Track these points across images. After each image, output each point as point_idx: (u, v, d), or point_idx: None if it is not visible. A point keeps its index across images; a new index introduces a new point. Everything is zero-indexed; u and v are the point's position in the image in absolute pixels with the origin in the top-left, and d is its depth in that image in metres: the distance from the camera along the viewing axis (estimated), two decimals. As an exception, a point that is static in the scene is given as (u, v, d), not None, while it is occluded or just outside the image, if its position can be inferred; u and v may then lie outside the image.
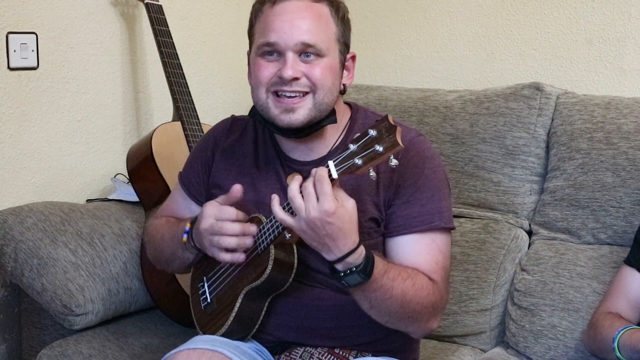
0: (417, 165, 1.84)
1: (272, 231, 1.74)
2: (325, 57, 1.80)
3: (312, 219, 1.59)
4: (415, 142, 1.86)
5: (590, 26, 2.69)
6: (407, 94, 2.79)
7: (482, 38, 2.88)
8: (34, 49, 2.52)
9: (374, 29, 3.07)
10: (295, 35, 1.77)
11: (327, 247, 1.63)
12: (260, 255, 1.78)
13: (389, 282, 1.70)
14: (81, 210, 2.47)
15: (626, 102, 2.44)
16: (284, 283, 1.81)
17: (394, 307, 1.73)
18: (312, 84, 1.78)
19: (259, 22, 1.83)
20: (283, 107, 1.79)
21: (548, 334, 2.31)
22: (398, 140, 1.52)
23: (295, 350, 1.89)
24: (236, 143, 2.00)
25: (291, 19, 1.77)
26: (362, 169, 1.56)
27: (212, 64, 3.07)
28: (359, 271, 1.65)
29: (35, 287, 2.30)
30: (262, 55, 1.81)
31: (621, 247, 2.32)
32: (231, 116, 2.07)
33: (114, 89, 2.78)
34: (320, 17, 1.80)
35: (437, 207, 1.83)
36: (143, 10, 2.70)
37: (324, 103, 1.81)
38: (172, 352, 1.81)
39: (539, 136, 2.53)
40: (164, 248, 2.02)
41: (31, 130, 2.55)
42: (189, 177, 2.06)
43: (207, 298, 1.93)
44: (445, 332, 2.44)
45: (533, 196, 2.55)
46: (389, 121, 1.54)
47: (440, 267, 1.82)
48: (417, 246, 1.82)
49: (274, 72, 1.79)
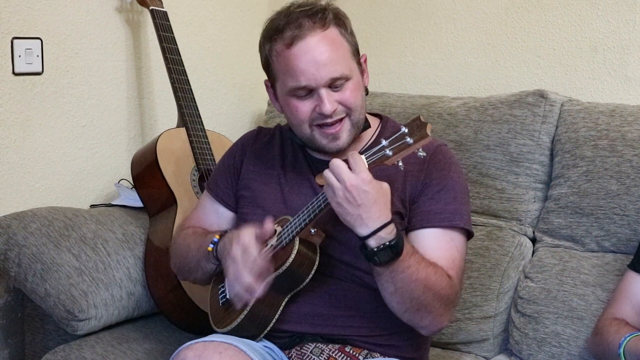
0: (444, 168, 1.95)
1: (299, 224, 1.81)
2: (351, 79, 1.89)
3: (349, 186, 1.69)
4: (442, 149, 2.00)
5: (595, 34, 2.69)
6: (411, 100, 2.79)
7: (487, 45, 2.88)
8: (38, 54, 2.52)
9: (378, 35, 3.07)
10: (323, 74, 1.85)
11: (360, 220, 1.72)
12: (285, 247, 1.84)
13: (415, 264, 1.78)
14: (85, 216, 2.47)
15: (630, 109, 2.44)
16: (302, 280, 1.86)
17: (417, 292, 1.79)
18: (347, 108, 1.89)
19: (278, 62, 1.91)
20: (330, 137, 1.91)
21: (552, 342, 2.30)
22: (428, 132, 1.63)
23: (306, 346, 1.92)
24: (263, 148, 2.09)
25: (313, 57, 1.85)
26: (391, 159, 1.68)
27: (216, 70, 3.08)
28: (392, 246, 1.73)
29: (38, 292, 2.30)
30: (294, 96, 1.90)
31: (625, 255, 2.32)
32: (257, 127, 2.19)
33: (118, 95, 2.78)
34: (335, 43, 1.88)
35: (459, 209, 1.93)
36: (148, 16, 2.70)
37: (360, 120, 1.94)
38: (187, 343, 1.85)
39: (543, 143, 2.53)
40: (190, 257, 2.08)
41: (35, 136, 2.55)
42: (217, 182, 2.13)
43: (227, 295, 1.95)
44: (449, 339, 2.44)
45: (537, 203, 2.54)
46: (421, 119, 1.65)
47: (457, 265, 1.90)
48: (437, 241, 1.90)
49: (311, 109, 1.89)
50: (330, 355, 1.89)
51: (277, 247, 1.85)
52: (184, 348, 1.83)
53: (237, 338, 1.88)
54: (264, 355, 1.90)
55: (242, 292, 1.81)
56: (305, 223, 1.81)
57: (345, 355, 1.90)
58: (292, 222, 1.84)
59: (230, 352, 1.80)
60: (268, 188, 2.03)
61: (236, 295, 1.83)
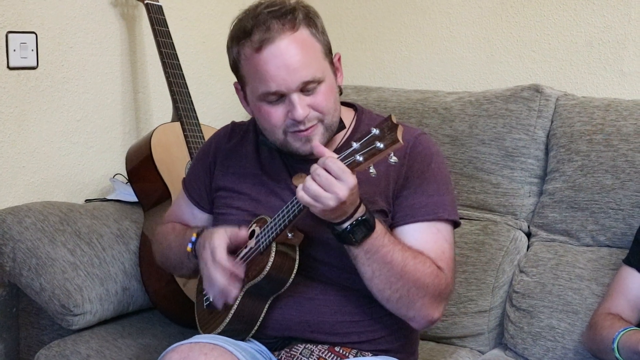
0: (425, 159, 1.90)
1: (274, 229, 1.76)
2: (324, 81, 1.83)
3: (342, 198, 1.64)
4: (422, 138, 1.94)
5: (590, 28, 2.69)
6: (406, 95, 2.79)
7: (482, 40, 2.88)
8: (33, 48, 2.52)
9: (373, 30, 3.07)
10: (295, 78, 1.79)
11: (344, 214, 1.69)
12: (263, 253, 1.79)
13: (390, 244, 1.75)
14: (80, 210, 2.47)
15: (626, 104, 2.44)
16: (284, 283, 1.82)
17: (395, 276, 1.76)
18: (320, 113, 1.83)
19: (248, 66, 1.84)
20: (303, 139, 1.84)
21: (547, 336, 2.31)
22: (399, 138, 1.56)
23: (295, 347, 1.90)
24: (237, 146, 2.03)
25: (284, 61, 1.78)
26: (362, 165, 1.61)
27: (211, 65, 3.07)
28: (364, 220, 1.70)
29: (33, 286, 2.29)
30: (265, 101, 1.84)
31: (620, 249, 2.32)
32: (231, 122, 2.11)
33: (113, 89, 2.78)
34: (306, 44, 1.81)
35: (442, 200, 1.89)
36: (143, 10, 2.70)
37: (333, 123, 1.87)
38: (173, 346, 1.82)
39: (539, 138, 2.53)
40: (171, 255, 2.06)
41: (30, 130, 2.55)
42: (192, 183, 2.09)
43: (210, 298, 1.94)
44: (444, 333, 2.45)
45: (532, 198, 2.55)
46: (392, 120, 1.58)
47: (447, 256, 1.87)
48: (423, 234, 1.87)
49: (284, 114, 1.82)
50: (320, 356, 1.87)
51: (254, 252, 1.81)
52: (169, 351, 1.80)
53: (223, 338, 1.84)
54: (253, 354, 1.87)
55: (216, 296, 1.82)
56: (281, 228, 1.75)
57: (335, 355, 1.88)
58: (269, 225, 1.78)
59: (216, 353, 1.77)
60: (243, 188, 1.97)
61: (214, 297, 1.83)
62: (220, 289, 1.80)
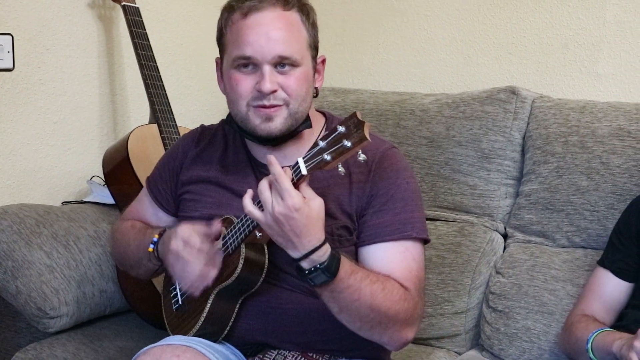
0: (391, 176, 1.85)
1: (242, 230, 1.74)
2: (300, 67, 1.81)
3: (276, 213, 1.60)
4: (389, 154, 1.89)
5: (566, 31, 2.70)
6: (384, 97, 2.80)
7: (459, 42, 2.89)
8: (9, 50, 2.50)
9: (351, 32, 3.07)
10: (271, 49, 1.78)
11: (291, 244, 1.64)
12: (232, 255, 1.78)
13: (356, 282, 1.69)
14: (57, 213, 2.46)
15: (600, 106, 2.46)
16: (255, 283, 1.81)
17: (364, 311, 1.71)
18: (287, 95, 1.80)
19: (231, 32, 1.83)
20: (264, 116, 1.80)
21: (522, 337, 2.32)
22: (366, 135, 1.53)
23: (268, 353, 1.89)
24: (204, 151, 2.01)
25: (266, 31, 1.78)
26: (331, 164, 1.57)
27: (189, 67, 3.07)
28: (324, 268, 1.64)
29: (9, 289, 2.28)
30: (237, 68, 1.82)
31: (595, 251, 2.34)
32: (200, 126, 2.09)
33: (90, 91, 2.77)
34: (293, 25, 1.81)
35: (410, 217, 1.84)
36: (120, 12, 2.69)
37: (298, 112, 1.83)
38: (145, 348, 1.80)
39: (515, 140, 2.55)
40: (129, 254, 2.04)
41: (6, 132, 2.54)
42: (157, 184, 2.07)
43: (179, 300, 1.93)
44: (421, 334, 2.45)
45: (508, 199, 2.56)
46: (357, 117, 1.55)
47: (414, 275, 1.81)
48: (389, 254, 1.81)
49: (252, 85, 1.80)
50: None
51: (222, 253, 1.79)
52: (141, 354, 1.78)
53: (197, 339, 1.83)
54: (227, 355, 1.86)
55: (195, 282, 1.75)
56: (250, 230, 1.73)
57: None
58: (236, 227, 1.75)
59: (189, 355, 1.75)
60: (207, 191, 1.95)
61: (190, 286, 1.77)
62: (198, 273, 1.74)
